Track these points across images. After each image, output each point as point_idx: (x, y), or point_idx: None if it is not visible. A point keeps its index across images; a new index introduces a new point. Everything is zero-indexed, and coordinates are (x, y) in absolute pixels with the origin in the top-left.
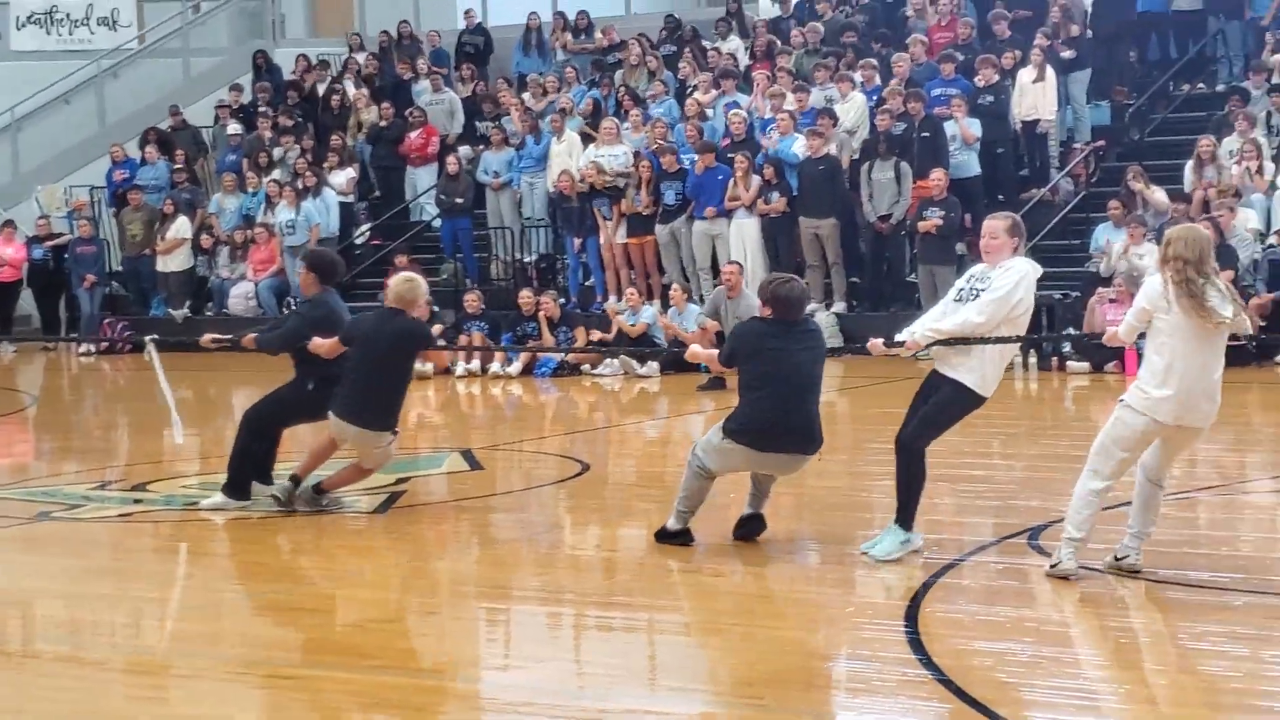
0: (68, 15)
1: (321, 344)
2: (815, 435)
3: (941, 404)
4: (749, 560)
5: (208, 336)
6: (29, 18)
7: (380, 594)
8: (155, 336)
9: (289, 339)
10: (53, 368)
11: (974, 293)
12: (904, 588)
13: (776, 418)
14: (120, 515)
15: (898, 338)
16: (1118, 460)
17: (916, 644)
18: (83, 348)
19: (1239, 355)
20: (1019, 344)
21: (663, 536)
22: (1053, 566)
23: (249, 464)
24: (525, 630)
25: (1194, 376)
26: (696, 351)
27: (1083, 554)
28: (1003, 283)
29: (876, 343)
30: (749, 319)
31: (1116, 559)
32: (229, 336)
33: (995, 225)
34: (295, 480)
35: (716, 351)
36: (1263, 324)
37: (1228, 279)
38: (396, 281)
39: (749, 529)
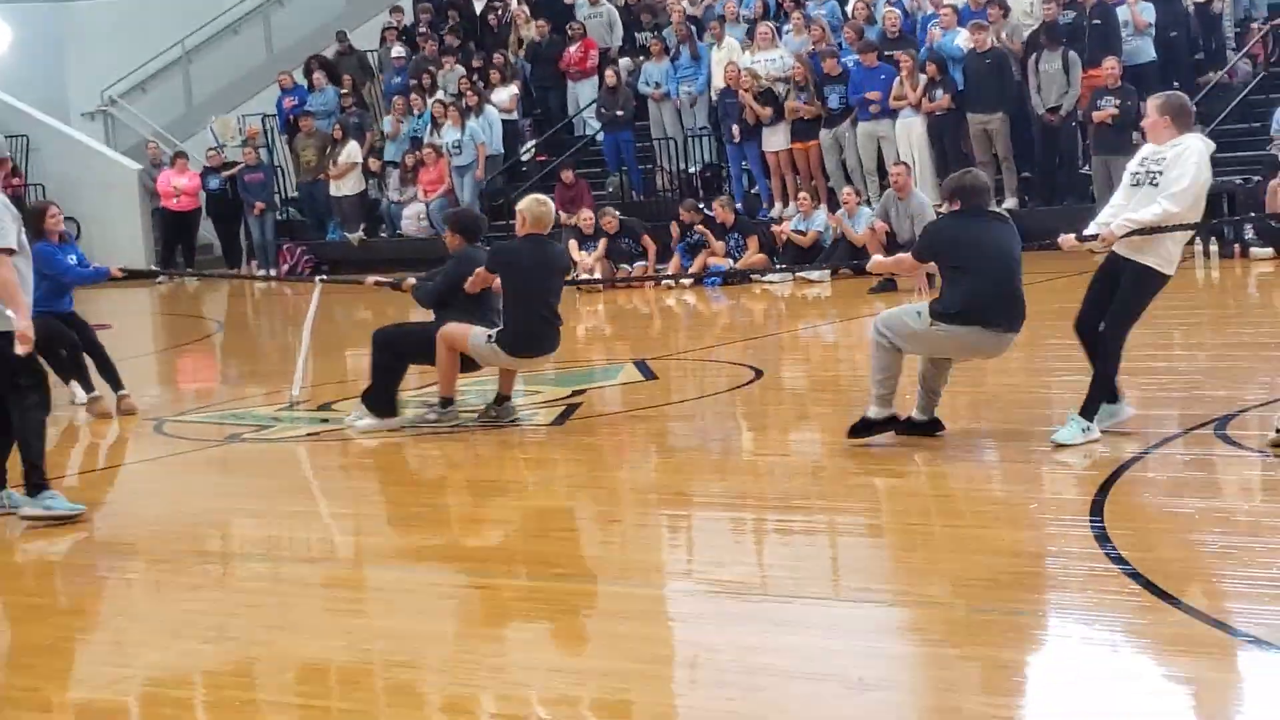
0: None
1: (472, 280)
2: (1023, 312)
3: (1131, 292)
4: (927, 461)
5: (371, 279)
6: None
7: (562, 504)
8: (324, 278)
9: (438, 294)
10: (236, 294)
11: (1150, 176)
12: (1088, 482)
13: (991, 294)
14: (308, 435)
15: (1088, 231)
16: None
17: (1103, 538)
18: (259, 273)
19: None
20: (1238, 203)
21: (864, 428)
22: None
23: (389, 380)
24: (706, 536)
25: None
26: (881, 261)
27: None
28: (1185, 168)
29: (1068, 237)
30: (941, 216)
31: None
32: (390, 280)
33: (1148, 104)
34: (449, 400)
35: (902, 256)
36: None
37: None
38: (531, 203)
39: (926, 432)
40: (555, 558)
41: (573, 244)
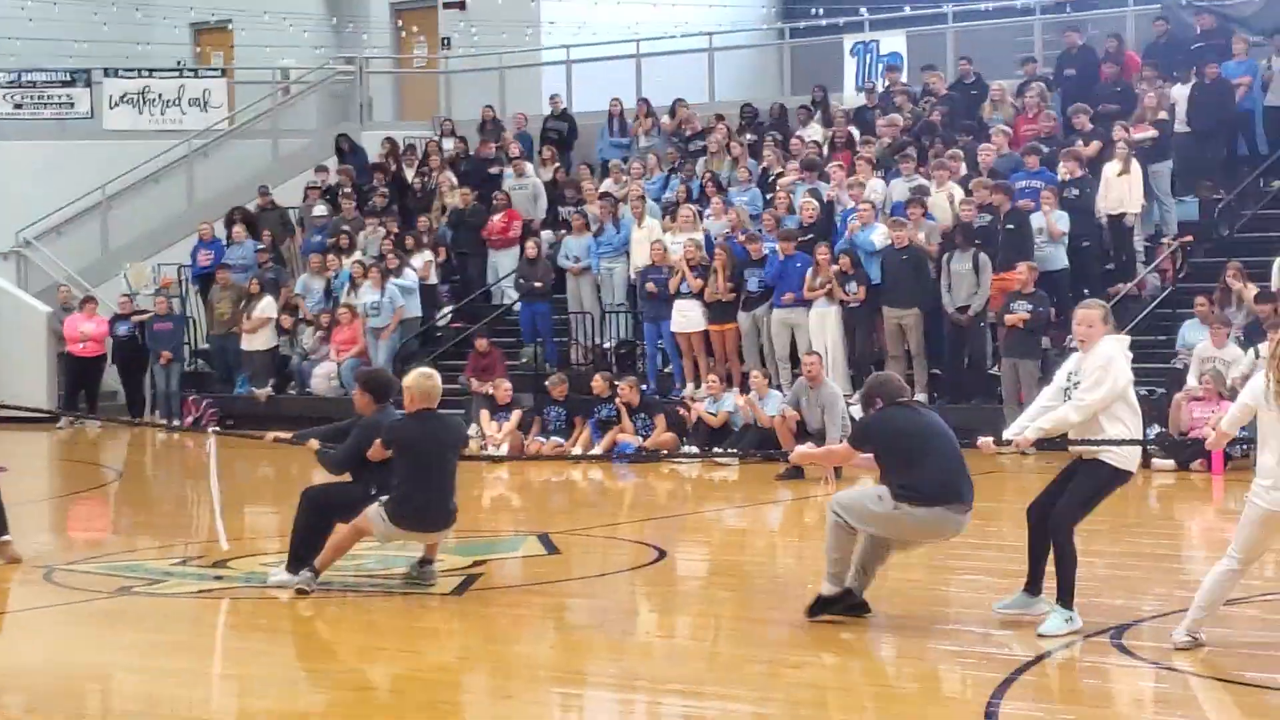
0: (160, 95)
1: (372, 450)
2: (973, 489)
3: (1086, 481)
4: (827, 650)
5: (271, 435)
6: (122, 97)
7: (454, 676)
8: (217, 429)
9: (346, 461)
10: (136, 444)
11: (1076, 385)
12: (985, 685)
13: (952, 473)
14: (200, 591)
15: (1005, 435)
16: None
17: None
18: (161, 422)
19: None
20: (1142, 415)
21: (821, 607)
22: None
23: (311, 540)
24: (598, 717)
25: None
26: (808, 453)
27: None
28: (1095, 365)
29: (987, 441)
30: (873, 412)
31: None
32: (291, 436)
33: (1091, 314)
34: (315, 571)
35: (835, 448)
36: None
37: None
38: (419, 379)
39: (854, 612)
40: None
41: (484, 414)
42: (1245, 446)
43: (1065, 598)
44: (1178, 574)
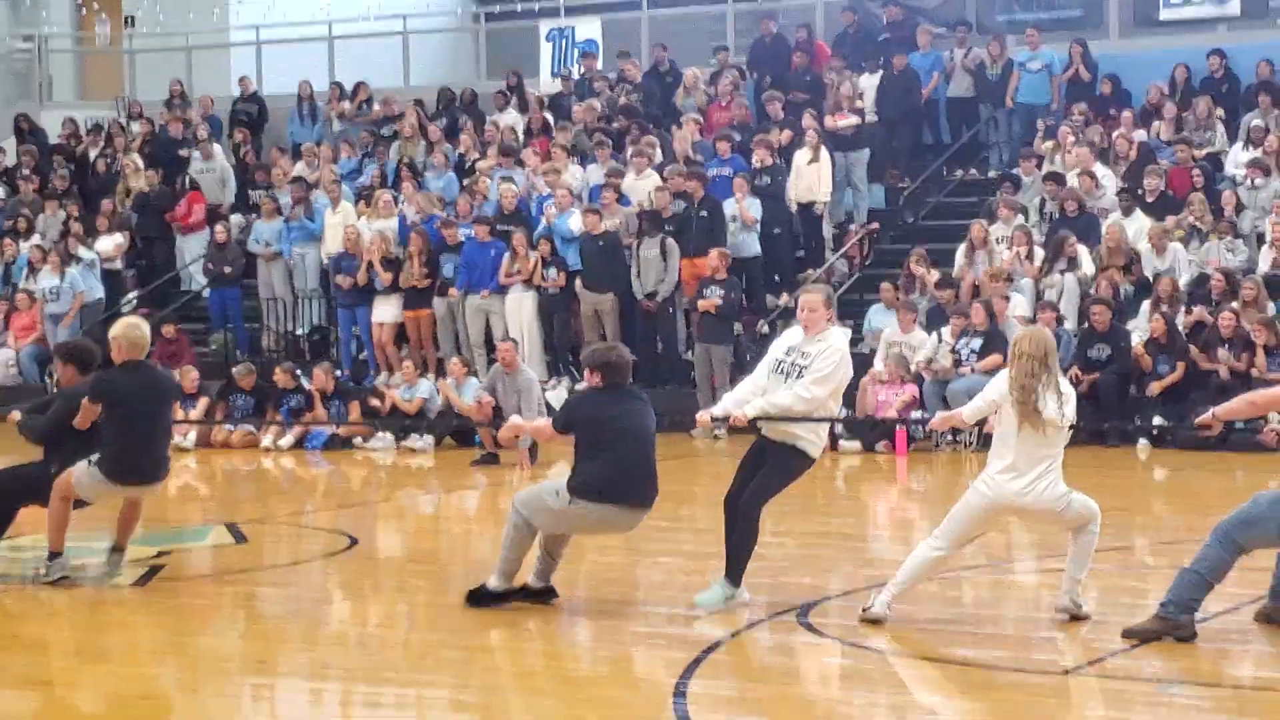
0: None
1: (80, 416)
2: (656, 489)
3: (778, 468)
4: (520, 636)
5: None
6: None
7: (138, 669)
8: None
9: (50, 430)
10: None
11: (796, 368)
12: (675, 665)
13: (628, 473)
14: None
15: (716, 412)
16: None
17: None
18: None
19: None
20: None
21: (482, 598)
22: (865, 610)
23: None
24: (290, 708)
25: (1028, 463)
26: (517, 424)
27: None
28: (829, 360)
29: (703, 416)
30: (584, 390)
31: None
32: None
33: (814, 299)
34: (119, 550)
35: (541, 423)
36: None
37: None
38: (127, 328)
39: (540, 599)
40: None
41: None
42: (924, 429)
43: (735, 576)
44: (863, 553)
